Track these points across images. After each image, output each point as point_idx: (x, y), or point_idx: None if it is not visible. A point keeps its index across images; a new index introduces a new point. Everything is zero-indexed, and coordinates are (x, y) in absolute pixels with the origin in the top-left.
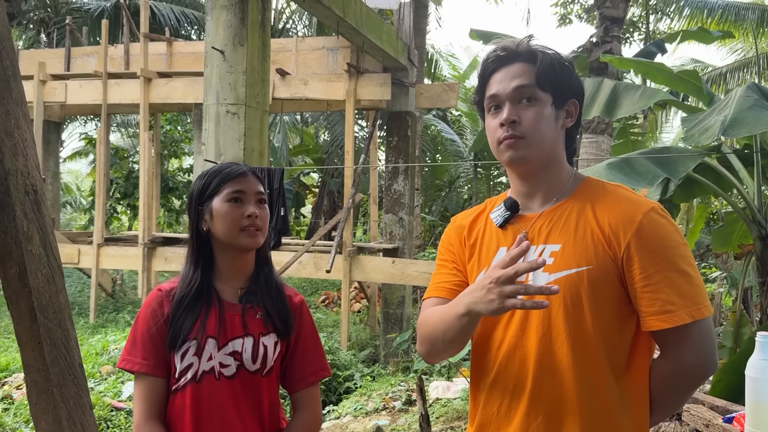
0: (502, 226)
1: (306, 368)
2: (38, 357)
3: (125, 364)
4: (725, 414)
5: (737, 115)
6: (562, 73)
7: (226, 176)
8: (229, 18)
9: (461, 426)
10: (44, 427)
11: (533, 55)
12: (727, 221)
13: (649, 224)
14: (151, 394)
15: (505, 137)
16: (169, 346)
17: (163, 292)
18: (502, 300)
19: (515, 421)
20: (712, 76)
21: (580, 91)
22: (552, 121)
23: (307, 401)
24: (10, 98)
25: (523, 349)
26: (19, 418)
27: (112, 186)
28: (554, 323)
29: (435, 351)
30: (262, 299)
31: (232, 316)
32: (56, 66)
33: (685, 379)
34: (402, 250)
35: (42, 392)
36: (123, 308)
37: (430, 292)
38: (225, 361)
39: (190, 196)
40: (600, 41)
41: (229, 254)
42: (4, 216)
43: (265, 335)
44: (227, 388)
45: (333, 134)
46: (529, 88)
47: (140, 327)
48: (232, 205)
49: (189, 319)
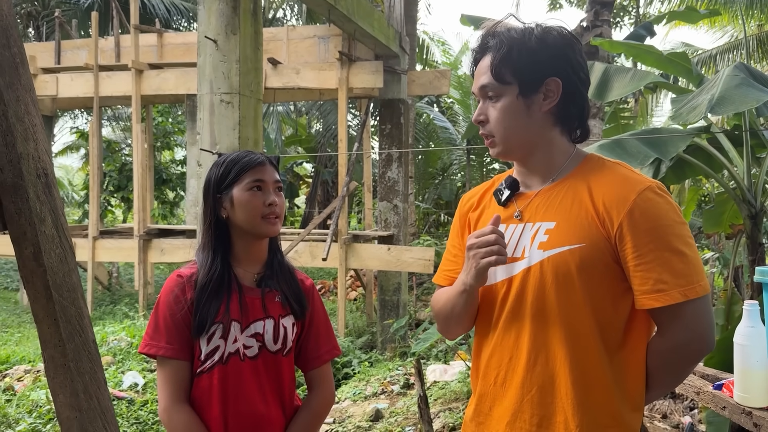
0: (503, 204)
1: (320, 347)
2: (54, 333)
3: (149, 349)
4: (715, 381)
5: (724, 93)
6: (526, 58)
7: (246, 165)
8: (221, 7)
9: (459, 407)
10: (62, 400)
11: (494, 47)
12: (717, 202)
13: (642, 203)
14: (177, 377)
15: (482, 134)
16: (196, 330)
17: (184, 278)
18: (478, 261)
19: (510, 392)
20: (702, 59)
21: (560, 66)
22: (521, 111)
23: (322, 378)
24: (19, 84)
25: (519, 323)
26: (21, 408)
27: (105, 179)
28: (547, 299)
29: (449, 326)
30: (279, 283)
31: (252, 300)
32: (46, 59)
33: (680, 357)
34: (397, 237)
35: (59, 367)
36: (120, 300)
37: (437, 279)
38: (248, 342)
39: (207, 183)
40: (590, 25)
41: (246, 241)
42: (18, 198)
43: (284, 317)
44: (251, 368)
45: (326, 124)
46: (489, 86)
47: (162, 312)
48: (253, 194)
49: (214, 305)
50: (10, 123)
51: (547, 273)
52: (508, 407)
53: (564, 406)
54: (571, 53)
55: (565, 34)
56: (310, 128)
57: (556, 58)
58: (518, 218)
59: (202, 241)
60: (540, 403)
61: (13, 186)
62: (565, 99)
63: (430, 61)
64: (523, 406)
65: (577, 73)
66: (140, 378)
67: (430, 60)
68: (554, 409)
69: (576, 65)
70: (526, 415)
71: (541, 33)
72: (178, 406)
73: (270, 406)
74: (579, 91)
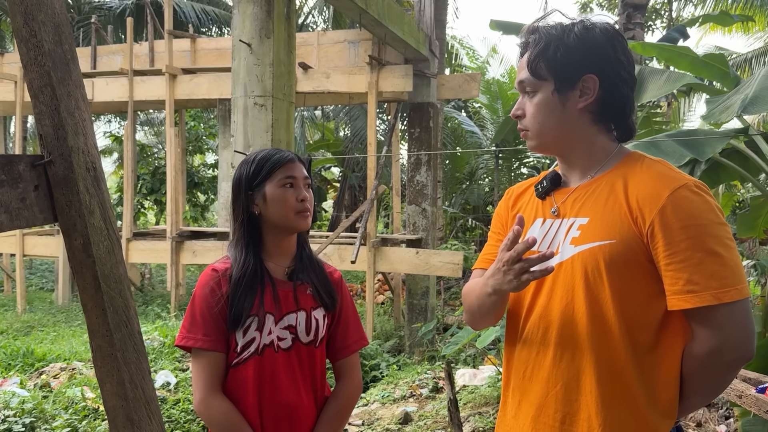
0: (542, 198)
1: (348, 338)
2: (102, 323)
3: (186, 341)
4: (757, 385)
5: (758, 93)
6: (563, 54)
7: (277, 162)
8: (255, 11)
9: (489, 411)
10: (109, 389)
11: (533, 43)
12: (752, 206)
13: (676, 201)
14: (213, 369)
15: (519, 128)
16: (232, 323)
17: (219, 272)
18: (518, 277)
19: (536, 387)
20: (737, 62)
21: (598, 63)
22: (556, 108)
23: (350, 368)
24: (70, 80)
25: (548, 317)
26: (58, 405)
27: (138, 182)
28: (576, 295)
29: (476, 321)
30: (309, 276)
31: (285, 293)
32: (83, 64)
33: (714, 364)
34: (425, 241)
35: (106, 356)
36: (152, 301)
37: (477, 264)
38: (281, 334)
39: (238, 181)
40: (623, 28)
41: (278, 236)
42: (68, 191)
43: (315, 309)
44: (284, 359)
45: (354, 128)
46: (527, 81)
47: (199, 305)
48: (286, 190)
49: (249, 298)
50: (61, 117)
51: (577, 269)
52: (533, 401)
53: (588, 404)
54: (612, 51)
55: (608, 31)
56: (337, 133)
57: (595, 55)
58: (555, 214)
59: (235, 236)
60: (564, 399)
61: (64, 179)
62: (603, 96)
63: (457, 68)
64: (547, 401)
65: (617, 71)
66: (172, 377)
67: (457, 65)
68: (578, 406)
69: (616, 63)
70: (550, 410)
71: (581, 29)
72: (216, 395)
73: (303, 396)
74: (619, 89)
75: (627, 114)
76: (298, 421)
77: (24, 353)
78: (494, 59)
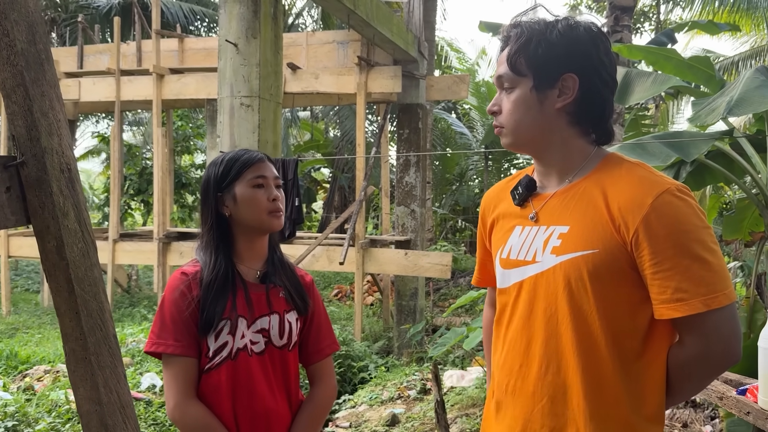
0: (520, 205)
1: (321, 341)
2: (76, 327)
3: (157, 347)
4: (738, 387)
5: (743, 95)
6: (544, 50)
7: (247, 162)
8: (242, 11)
9: (476, 413)
10: (83, 393)
11: (514, 37)
12: (738, 208)
13: (660, 207)
14: (186, 374)
15: (494, 125)
16: (204, 327)
17: (189, 276)
18: None
19: (520, 401)
20: (724, 65)
21: (579, 63)
22: (533, 106)
23: (325, 371)
24: (44, 80)
25: (530, 330)
26: (41, 408)
27: (125, 182)
28: (560, 306)
29: None
30: (281, 279)
31: (258, 296)
32: (69, 64)
33: (702, 368)
34: (414, 242)
35: (80, 360)
36: (139, 303)
37: (476, 276)
38: (254, 338)
39: (206, 182)
40: (610, 31)
41: (249, 237)
42: (41, 192)
43: (288, 312)
44: (258, 363)
45: (343, 129)
46: (505, 76)
47: (168, 309)
48: (257, 190)
49: (221, 302)
50: (35, 118)
51: (560, 279)
52: (518, 416)
53: (576, 417)
54: (595, 50)
55: (591, 30)
56: (326, 133)
57: (577, 54)
58: (533, 220)
59: (204, 239)
60: (551, 413)
61: (37, 180)
62: (582, 97)
63: (447, 69)
64: (533, 415)
65: (598, 72)
66: (158, 380)
67: (447, 66)
68: (565, 420)
69: (598, 64)
70: (536, 425)
71: (565, 26)
72: (191, 400)
73: (278, 401)
74: (599, 90)
75: (605, 118)
76: (275, 426)
77: (8, 355)
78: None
